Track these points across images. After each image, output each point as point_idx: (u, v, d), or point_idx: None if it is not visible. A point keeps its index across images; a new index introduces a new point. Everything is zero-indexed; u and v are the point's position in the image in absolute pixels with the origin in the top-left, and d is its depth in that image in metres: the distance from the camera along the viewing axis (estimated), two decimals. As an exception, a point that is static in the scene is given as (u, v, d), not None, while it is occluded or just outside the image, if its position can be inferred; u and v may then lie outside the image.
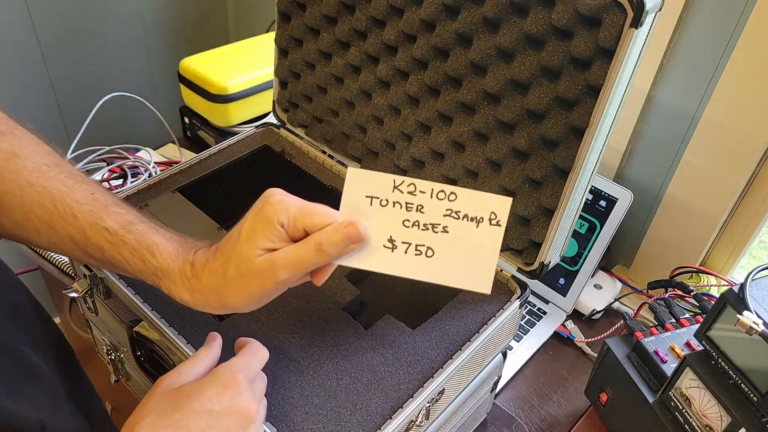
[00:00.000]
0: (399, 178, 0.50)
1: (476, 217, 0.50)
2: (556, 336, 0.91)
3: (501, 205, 0.50)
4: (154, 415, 0.46)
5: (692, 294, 0.83)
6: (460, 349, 0.60)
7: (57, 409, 0.52)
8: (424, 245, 0.50)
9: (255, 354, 0.51)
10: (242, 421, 0.47)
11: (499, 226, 0.50)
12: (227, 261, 0.49)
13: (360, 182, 0.50)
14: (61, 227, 0.51)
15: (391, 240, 0.50)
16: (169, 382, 0.48)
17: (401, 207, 0.50)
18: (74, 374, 0.61)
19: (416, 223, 0.50)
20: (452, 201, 0.50)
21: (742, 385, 0.57)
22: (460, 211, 0.50)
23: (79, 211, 0.51)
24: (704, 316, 0.74)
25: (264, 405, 0.51)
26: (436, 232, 0.50)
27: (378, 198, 0.50)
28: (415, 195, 0.50)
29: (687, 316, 0.76)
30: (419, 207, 0.50)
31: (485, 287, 0.51)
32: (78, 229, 0.51)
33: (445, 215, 0.50)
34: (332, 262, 0.51)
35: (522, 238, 0.67)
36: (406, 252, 0.50)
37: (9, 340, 0.50)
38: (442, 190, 0.50)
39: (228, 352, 0.58)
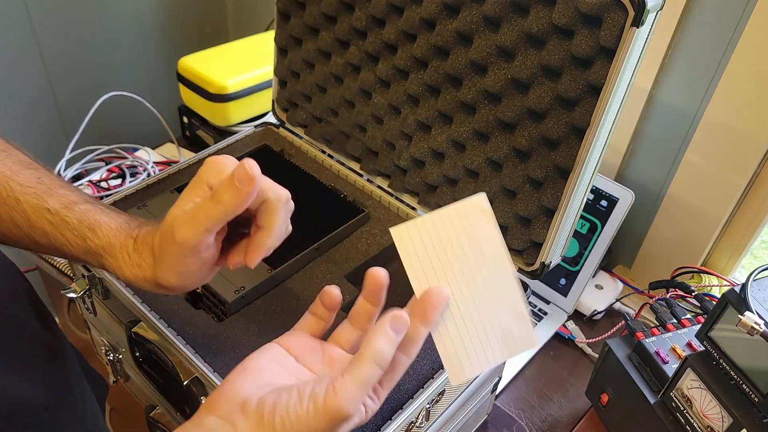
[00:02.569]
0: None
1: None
2: (556, 336, 0.91)
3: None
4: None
5: (693, 294, 0.83)
6: (461, 350, 0.59)
7: (66, 385, 0.52)
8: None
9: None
10: None
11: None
12: (157, 229, 0.45)
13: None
14: (5, 212, 0.50)
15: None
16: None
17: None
18: (80, 356, 0.62)
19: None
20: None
21: (744, 386, 0.57)
22: None
23: (22, 194, 0.50)
24: (705, 316, 0.74)
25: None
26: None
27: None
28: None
29: (688, 316, 0.76)
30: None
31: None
32: (21, 213, 0.50)
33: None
34: (266, 244, 0.45)
35: (523, 238, 0.67)
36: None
37: (25, 319, 0.50)
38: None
39: (228, 352, 0.57)
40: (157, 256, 0.45)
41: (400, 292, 0.70)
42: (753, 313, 0.54)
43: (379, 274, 0.45)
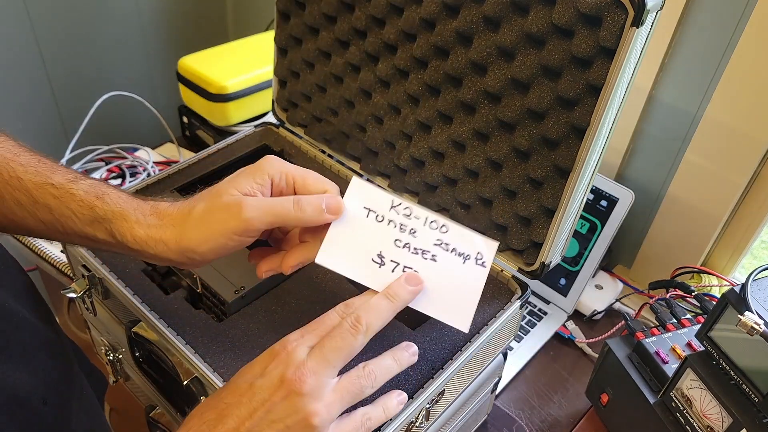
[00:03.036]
0: (397, 200, 0.51)
1: (464, 254, 0.51)
2: (556, 336, 0.91)
3: (488, 248, 0.51)
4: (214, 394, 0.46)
5: (693, 294, 0.83)
6: (461, 350, 0.60)
7: (65, 380, 0.52)
8: (411, 268, 0.50)
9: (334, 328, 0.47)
10: (293, 398, 0.42)
11: (484, 267, 0.50)
12: (198, 200, 0.49)
13: (361, 193, 0.51)
14: (8, 193, 0.51)
15: (380, 256, 0.50)
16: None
17: (395, 226, 0.51)
18: (79, 352, 0.62)
19: (407, 245, 0.51)
20: (443, 233, 0.51)
21: (743, 386, 0.57)
22: (449, 244, 0.51)
23: (24, 173, 0.51)
24: (705, 316, 0.74)
25: (343, 396, 0.45)
26: (425, 259, 0.51)
27: (375, 212, 0.51)
28: (410, 219, 0.51)
29: (688, 316, 0.76)
30: (412, 230, 0.51)
31: (463, 325, 0.51)
32: (24, 191, 0.51)
33: (435, 244, 0.51)
34: (309, 256, 0.51)
35: (523, 238, 0.66)
36: (393, 271, 0.50)
37: (25, 314, 0.50)
38: (435, 220, 0.51)
39: (228, 352, 0.57)
40: (195, 220, 0.48)
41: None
42: (753, 313, 0.54)
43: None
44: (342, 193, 0.52)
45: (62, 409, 0.50)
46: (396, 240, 0.50)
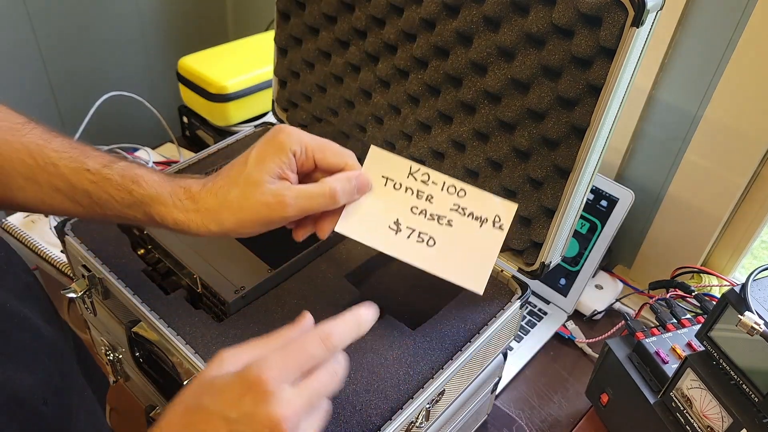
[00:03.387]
0: (416, 166, 0.52)
1: (481, 217, 0.51)
2: (556, 336, 0.91)
3: (506, 210, 0.51)
4: (181, 409, 0.40)
5: (693, 294, 0.83)
6: (461, 350, 0.60)
7: (65, 381, 0.52)
8: (427, 234, 0.51)
9: (304, 349, 0.41)
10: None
11: (501, 230, 0.51)
12: (231, 183, 0.50)
13: (380, 161, 0.53)
14: (44, 180, 0.52)
15: (396, 223, 0.52)
16: (222, 359, 0.42)
17: (413, 193, 0.52)
18: (83, 351, 0.62)
19: (423, 212, 0.52)
20: (461, 197, 0.52)
21: (744, 386, 0.57)
22: (466, 208, 0.51)
23: (59, 160, 0.52)
24: (705, 316, 0.74)
25: (316, 423, 0.41)
26: (441, 224, 0.52)
27: (393, 180, 0.52)
28: (428, 185, 0.52)
29: (688, 316, 0.76)
30: (429, 197, 0.52)
31: (479, 287, 0.52)
32: (61, 177, 0.51)
33: (452, 209, 0.51)
34: (324, 219, 0.53)
35: (523, 239, 0.66)
36: (408, 237, 0.51)
37: (27, 315, 0.50)
38: (453, 185, 0.52)
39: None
40: (233, 206, 0.49)
41: (400, 292, 0.70)
42: (753, 313, 0.54)
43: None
44: (360, 161, 0.53)
45: (63, 409, 0.50)
46: (413, 207, 0.52)
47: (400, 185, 0.52)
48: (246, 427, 0.38)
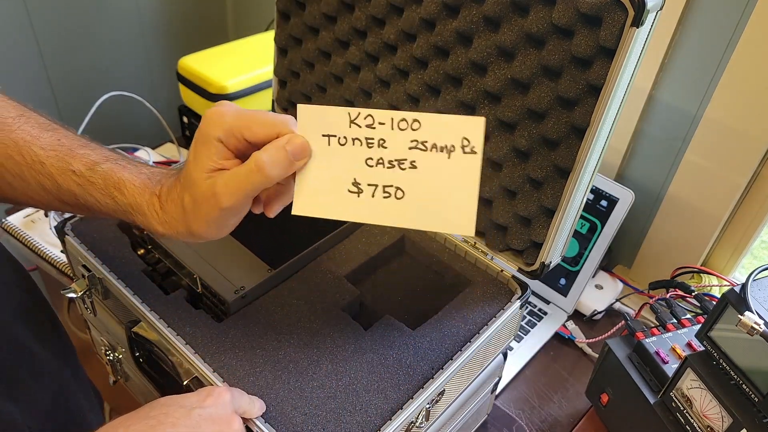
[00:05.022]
0: (354, 111, 0.44)
1: (447, 146, 0.43)
2: (556, 336, 0.91)
3: (474, 128, 0.43)
4: (131, 413, 0.44)
5: (693, 294, 0.83)
6: (461, 350, 0.60)
7: (54, 406, 0.52)
8: (392, 186, 0.44)
9: (247, 395, 0.51)
10: (223, 430, 0.45)
11: (475, 153, 0.43)
12: (183, 189, 0.47)
13: (315, 120, 0.45)
14: (32, 177, 0.51)
15: (355, 183, 0.44)
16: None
17: (361, 144, 0.44)
18: (76, 372, 0.61)
19: (380, 161, 0.44)
20: (416, 130, 0.43)
21: (744, 386, 0.57)
22: (427, 141, 0.43)
23: (46, 158, 0.51)
24: (705, 316, 0.74)
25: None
26: (404, 169, 0.44)
27: (335, 136, 0.44)
28: (375, 128, 0.44)
29: (688, 316, 0.76)
30: (381, 141, 0.44)
31: (467, 228, 0.44)
32: (47, 176, 0.51)
33: (411, 148, 0.43)
34: (287, 192, 0.48)
35: (523, 239, 0.66)
36: (373, 195, 0.44)
37: (21, 338, 0.50)
38: (403, 119, 0.43)
39: (228, 352, 0.57)
40: (190, 213, 0.47)
41: (400, 292, 0.70)
42: (753, 313, 0.54)
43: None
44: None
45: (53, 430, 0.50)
46: (367, 159, 0.44)
47: (345, 139, 0.44)
48: (206, 421, 0.44)
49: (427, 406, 0.56)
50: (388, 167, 0.44)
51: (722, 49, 0.78)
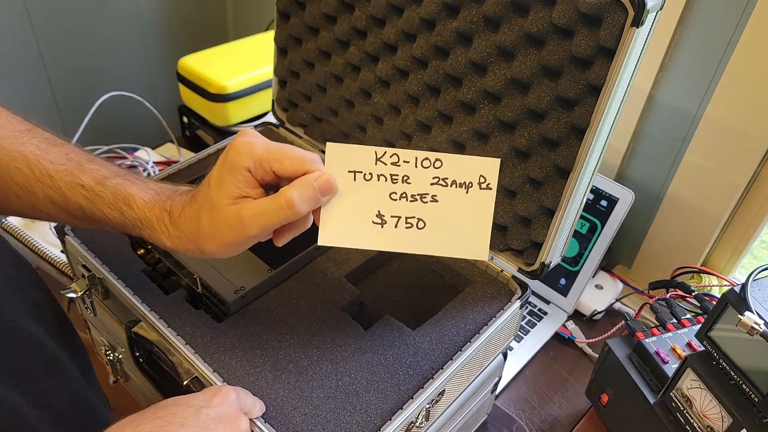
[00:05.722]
0: (381, 150, 0.49)
1: (465, 183, 0.48)
2: (556, 336, 0.91)
3: (490, 168, 0.48)
4: (138, 414, 0.45)
5: (693, 294, 0.83)
6: (461, 350, 0.60)
7: (71, 402, 0.52)
8: (414, 217, 0.48)
9: (251, 395, 0.52)
10: (231, 429, 0.46)
11: (490, 189, 0.48)
12: (201, 209, 0.49)
13: (342, 157, 0.49)
14: (39, 190, 0.51)
15: (379, 215, 0.49)
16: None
17: (386, 179, 0.49)
18: (89, 371, 0.62)
19: (404, 195, 0.49)
20: (438, 168, 0.49)
21: (744, 386, 0.57)
22: (447, 178, 0.48)
23: (55, 172, 0.51)
24: (705, 316, 0.74)
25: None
26: (426, 203, 0.49)
27: (361, 172, 0.49)
28: (399, 165, 0.49)
29: (688, 316, 0.76)
30: (405, 178, 0.49)
31: (482, 254, 0.50)
32: (56, 189, 0.51)
33: (432, 183, 0.48)
34: (301, 224, 0.50)
35: (522, 239, 0.66)
36: (396, 226, 0.48)
37: (32, 332, 0.50)
38: (426, 158, 0.49)
39: (228, 352, 0.57)
40: (206, 233, 0.48)
41: (400, 292, 0.70)
42: (753, 313, 0.54)
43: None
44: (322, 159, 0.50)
45: (63, 429, 0.50)
46: (391, 193, 0.49)
47: (371, 175, 0.48)
48: (213, 420, 0.44)
49: (427, 406, 0.56)
50: (411, 200, 0.49)
51: (722, 49, 0.78)
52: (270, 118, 1.12)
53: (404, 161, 0.49)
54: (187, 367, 0.57)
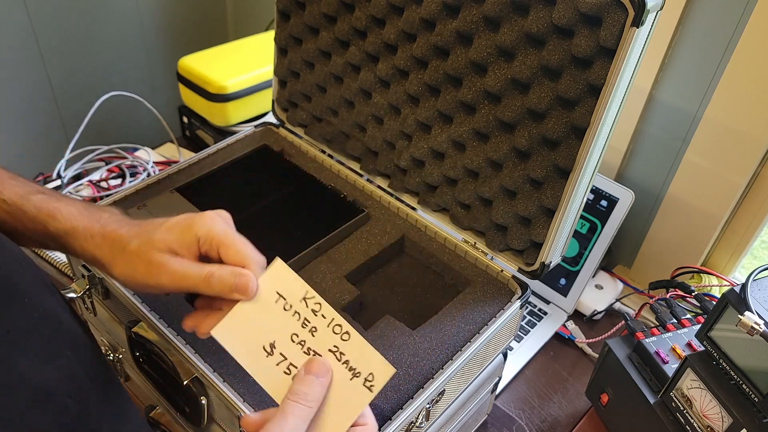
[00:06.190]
0: (311, 293, 0.49)
1: (355, 369, 0.48)
2: (556, 336, 0.91)
3: (383, 372, 0.47)
4: None
5: (693, 294, 0.83)
6: (461, 350, 0.60)
7: (88, 375, 0.52)
8: (295, 367, 0.48)
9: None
10: None
11: (371, 391, 0.47)
12: (136, 235, 0.50)
13: (280, 277, 0.50)
14: None
15: (272, 345, 0.48)
16: None
17: (299, 320, 0.49)
18: (96, 343, 0.62)
19: (302, 343, 0.48)
20: (344, 341, 0.48)
21: (743, 386, 0.57)
22: (344, 354, 0.48)
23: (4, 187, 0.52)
24: (705, 316, 0.74)
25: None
26: None
27: (285, 300, 0.49)
28: (316, 316, 0.49)
29: (688, 316, 0.76)
30: (313, 329, 0.49)
31: None
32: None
33: (330, 350, 0.48)
34: (214, 319, 0.50)
35: (523, 239, 0.66)
36: (278, 364, 0.48)
37: (50, 307, 0.51)
38: (339, 325, 0.49)
39: (228, 352, 0.57)
40: (125, 256, 0.50)
41: (400, 292, 0.70)
42: (753, 313, 0.54)
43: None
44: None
45: (82, 404, 0.50)
46: (293, 334, 0.49)
47: (290, 307, 0.49)
48: None
49: (427, 406, 0.56)
50: (304, 352, 0.48)
51: (722, 49, 0.78)
52: (270, 118, 1.12)
53: (322, 315, 0.49)
54: (187, 367, 0.57)
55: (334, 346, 0.48)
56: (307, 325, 0.49)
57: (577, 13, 0.54)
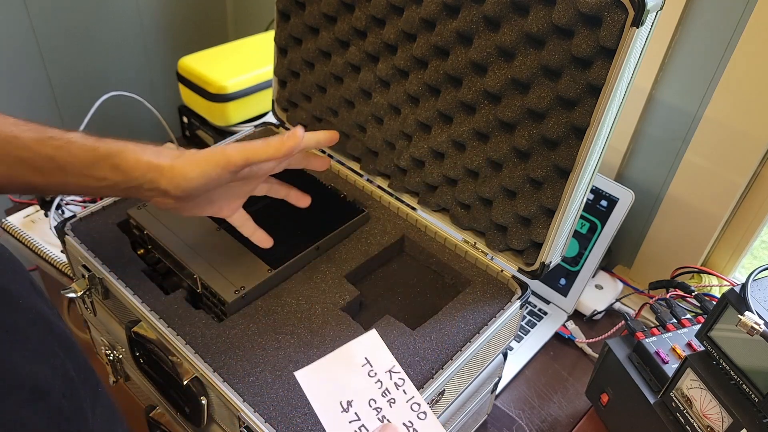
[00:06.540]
0: (398, 367, 0.51)
1: None
2: (556, 336, 0.91)
3: None
4: None
5: (693, 294, 0.83)
6: (461, 350, 0.60)
7: (79, 375, 0.52)
8: (368, 430, 0.48)
9: None
10: None
11: None
12: (198, 152, 0.57)
13: (371, 345, 0.52)
14: (6, 152, 0.54)
15: (349, 403, 0.49)
16: None
17: (380, 387, 0.50)
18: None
19: (378, 410, 0.49)
20: (420, 419, 0.49)
21: (744, 386, 0.57)
22: (417, 431, 0.49)
23: (20, 132, 0.55)
24: (705, 316, 0.74)
25: None
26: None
27: (372, 367, 0.51)
28: (398, 390, 0.50)
29: (688, 316, 0.76)
30: (392, 401, 0.49)
31: None
32: (23, 147, 0.54)
33: (405, 424, 0.49)
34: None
35: (523, 239, 0.66)
36: (350, 422, 0.48)
37: (42, 310, 0.51)
38: (418, 403, 0.49)
39: (228, 352, 0.57)
40: (187, 155, 0.56)
41: (400, 292, 0.70)
42: (753, 313, 0.54)
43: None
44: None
45: (75, 403, 0.50)
46: (372, 399, 0.49)
47: (375, 374, 0.50)
48: None
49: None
50: (378, 419, 0.49)
51: (722, 49, 0.78)
52: (270, 118, 1.12)
53: (404, 390, 0.50)
54: (187, 367, 0.57)
55: (409, 422, 0.49)
56: (387, 395, 0.50)
57: (577, 13, 0.54)
